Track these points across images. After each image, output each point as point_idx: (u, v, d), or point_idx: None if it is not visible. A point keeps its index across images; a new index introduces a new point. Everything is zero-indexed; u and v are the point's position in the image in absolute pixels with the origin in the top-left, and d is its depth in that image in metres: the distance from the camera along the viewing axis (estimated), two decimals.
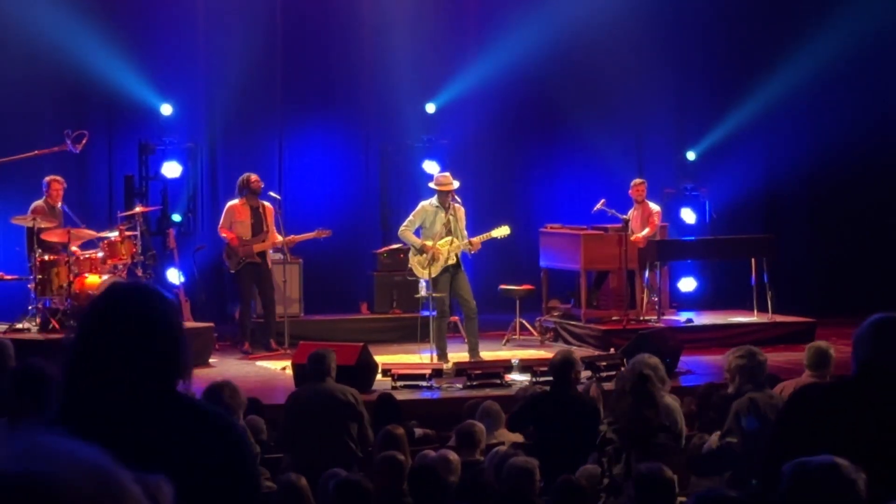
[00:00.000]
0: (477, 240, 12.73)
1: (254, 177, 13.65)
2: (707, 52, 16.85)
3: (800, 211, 17.30)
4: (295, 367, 10.98)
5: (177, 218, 15.35)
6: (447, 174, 12.99)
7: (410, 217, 12.87)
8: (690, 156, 16.92)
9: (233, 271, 13.75)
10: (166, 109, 15.40)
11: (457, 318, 13.98)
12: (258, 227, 13.59)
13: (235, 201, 13.65)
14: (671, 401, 7.80)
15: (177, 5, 15.71)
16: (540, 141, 17.14)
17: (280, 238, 13.66)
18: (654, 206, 14.84)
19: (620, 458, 7.09)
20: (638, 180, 14.94)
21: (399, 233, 13.05)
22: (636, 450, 7.04)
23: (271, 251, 13.81)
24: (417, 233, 12.80)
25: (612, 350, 12.86)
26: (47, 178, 13.25)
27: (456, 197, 12.82)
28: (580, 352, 12.71)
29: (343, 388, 8.74)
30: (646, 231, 14.55)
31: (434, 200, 12.76)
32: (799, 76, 16.67)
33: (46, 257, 12.75)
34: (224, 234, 13.63)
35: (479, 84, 16.33)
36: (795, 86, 16.69)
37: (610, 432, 7.21)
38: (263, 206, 13.67)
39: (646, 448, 7.06)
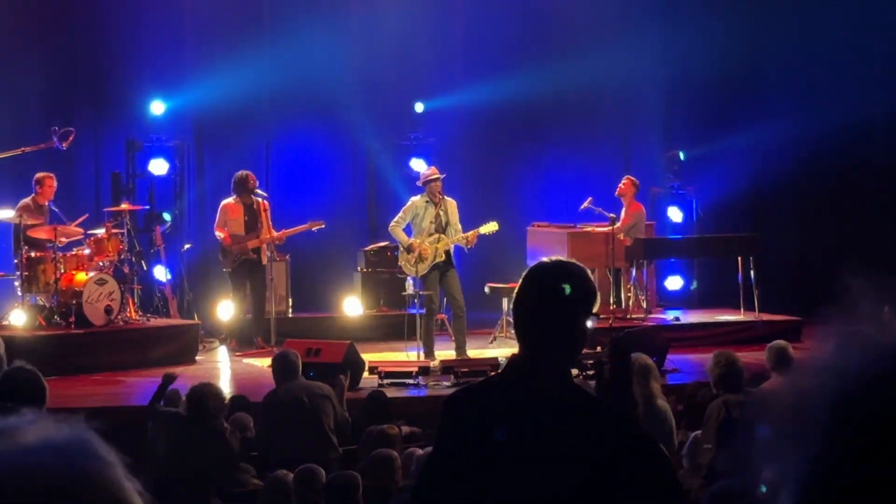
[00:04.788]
0: (472, 234, 12.69)
1: (252, 176, 13.65)
2: (695, 51, 16.86)
3: (786, 209, 17.33)
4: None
5: (167, 217, 15.33)
6: (433, 167, 12.99)
7: (400, 213, 12.84)
8: (682, 156, 16.90)
9: (228, 270, 13.73)
10: (157, 107, 15.35)
11: (444, 315, 13.98)
12: (252, 224, 13.59)
13: (229, 200, 13.64)
14: (663, 403, 7.83)
15: (165, 3, 15.69)
16: (527, 139, 17.15)
17: (275, 233, 13.64)
18: (636, 205, 14.80)
19: None
20: (627, 176, 14.93)
21: (389, 228, 13.04)
22: None
23: (269, 246, 13.77)
24: (408, 229, 12.78)
25: (598, 348, 12.87)
26: (41, 175, 13.17)
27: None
28: None
29: (313, 383, 8.85)
30: (617, 225, 14.41)
31: (423, 196, 12.74)
32: (783, 76, 16.73)
33: (33, 254, 12.71)
34: (219, 234, 13.62)
35: (467, 82, 16.33)
36: (781, 85, 16.74)
37: None
38: (258, 202, 13.65)
39: None
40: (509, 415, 3.17)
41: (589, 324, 3.21)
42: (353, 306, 15.26)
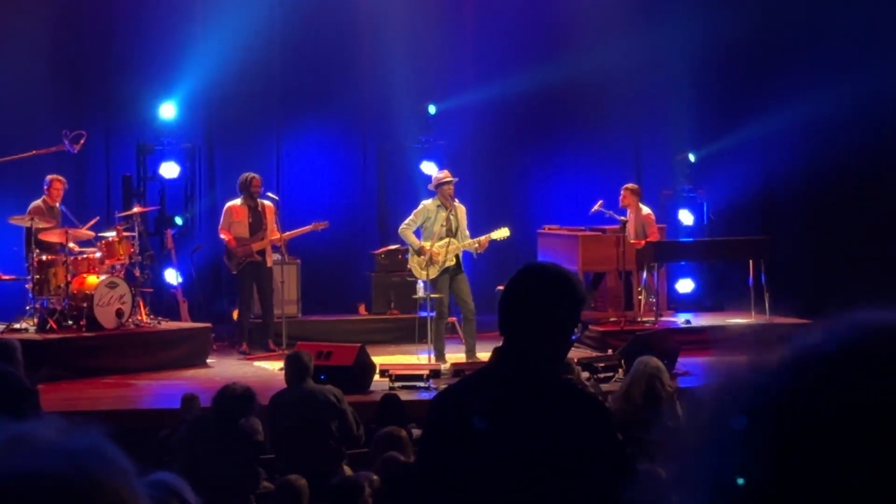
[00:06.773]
0: (485, 239, 12.69)
1: (257, 179, 13.68)
2: (705, 53, 16.84)
3: (797, 212, 17.29)
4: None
5: (179, 220, 15.35)
6: (445, 170, 12.99)
7: (411, 216, 12.83)
8: (692, 158, 16.86)
9: (234, 272, 13.77)
10: (167, 110, 15.36)
11: (454, 318, 13.97)
12: (256, 227, 13.62)
13: (234, 202, 13.68)
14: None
15: (175, 6, 15.70)
16: (538, 142, 17.14)
17: (278, 235, 13.66)
18: (645, 210, 14.76)
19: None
20: (624, 187, 14.86)
21: (399, 231, 13.02)
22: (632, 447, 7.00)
23: (271, 249, 13.82)
24: (418, 232, 12.78)
25: (609, 351, 12.86)
26: (49, 177, 13.23)
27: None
28: (577, 353, 12.74)
29: (322, 388, 8.82)
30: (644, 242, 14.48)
31: (435, 199, 12.74)
32: (791, 70, 16.69)
33: (44, 257, 12.73)
34: (223, 236, 13.66)
35: (477, 85, 16.32)
36: (790, 80, 16.69)
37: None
38: (263, 204, 13.71)
39: (639, 444, 7.01)
40: (496, 407, 3.37)
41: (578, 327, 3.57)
42: (363, 309, 15.27)
